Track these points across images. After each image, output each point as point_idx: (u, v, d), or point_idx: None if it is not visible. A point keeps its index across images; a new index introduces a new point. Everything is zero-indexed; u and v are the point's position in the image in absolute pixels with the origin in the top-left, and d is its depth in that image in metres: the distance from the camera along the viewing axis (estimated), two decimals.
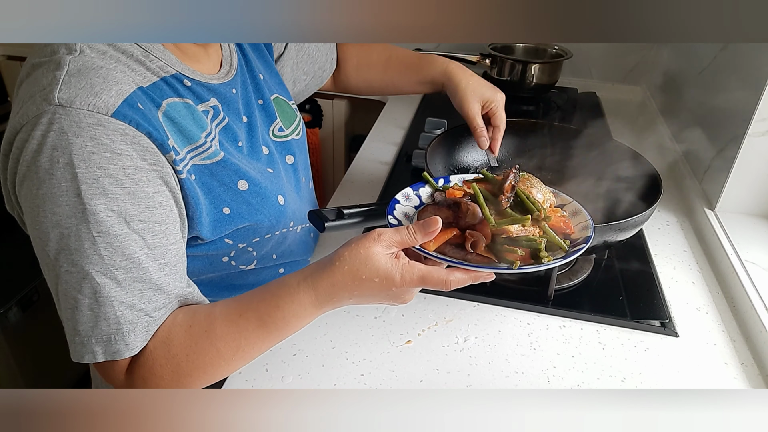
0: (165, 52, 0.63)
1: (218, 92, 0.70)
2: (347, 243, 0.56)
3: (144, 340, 0.57)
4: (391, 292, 0.56)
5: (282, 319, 0.57)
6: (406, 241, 0.56)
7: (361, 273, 0.55)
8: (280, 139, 0.82)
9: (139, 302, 0.56)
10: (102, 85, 0.54)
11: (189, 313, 0.60)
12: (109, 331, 0.55)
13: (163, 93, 0.62)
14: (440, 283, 0.55)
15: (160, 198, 0.57)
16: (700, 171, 1.06)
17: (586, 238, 0.61)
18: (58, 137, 0.51)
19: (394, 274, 0.55)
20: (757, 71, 0.89)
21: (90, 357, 0.56)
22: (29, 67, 0.57)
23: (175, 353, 0.57)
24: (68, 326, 0.56)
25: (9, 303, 1.34)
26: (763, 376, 0.70)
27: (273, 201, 0.73)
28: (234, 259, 0.74)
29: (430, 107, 1.45)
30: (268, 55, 0.86)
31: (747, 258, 0.85)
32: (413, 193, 0.69)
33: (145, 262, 0.56)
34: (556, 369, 0.70)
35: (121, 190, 0.54)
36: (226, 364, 0.59)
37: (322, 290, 0.56)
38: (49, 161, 0.52)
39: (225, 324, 0.58)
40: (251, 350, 0.59)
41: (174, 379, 0.58)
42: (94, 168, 0.52)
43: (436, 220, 0.56)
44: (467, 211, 0.59)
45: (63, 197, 0.52)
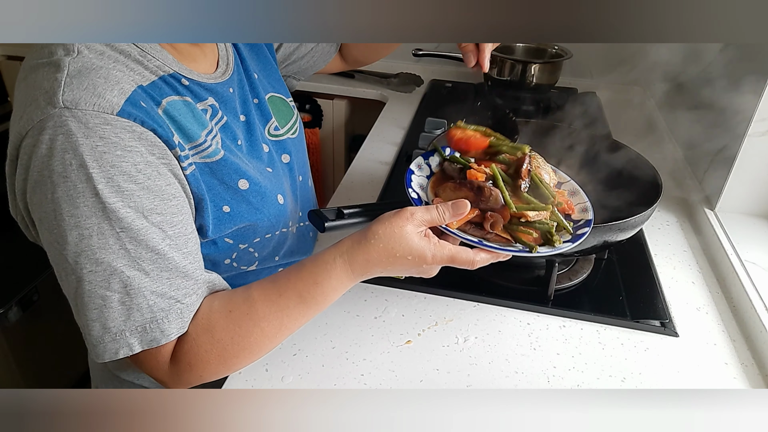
0: (162, 51, 0.63)
1: (215, 91, 0.70)
2: (380, 219, 0.60)
3: (178, 326, 0.58)
4: (421, 268, 0.61)
5: (321, 294, 0.61)
6: (435, 221, 0.60)
7: (396, 251, 0.59)
8: (276, 138, 0.82)
9: (169, 290, 0.57)
10: (104, 85, 0.54)
11: (225, 298, 0.62)
12: (143, 321, 0.56)
13: (163, 92, 0.62)
14: (468, 262, 0.60)
15: (172, 190, 0.58)
16: (700, 171, 1.06)
17: (587, 221, 0.66)
18: (68, 140, 0.52)
19: (426, 253, 0.59)
20: (757, 71, 0.89)
21: (126, 350, 0.56)
22: (27, 69, 0.57)
23: (219, 338, 0.59)
24: (95, 327, 0.56)
25: (9, 303, 1.34)
26: (763, 376, 0.70)
27: (273, 200, 0.73)
28: (236, 261, 0.74)
29: (430, 107, 1.45)
30: (266, 50, 0.86)
31: (747, 258, 0.85)
32: (424, 163, 0.73)
33: (169, 252, 0.57)
34: (556, 369, 0.70)
35: (135, 186, 0.55)
36: (269, 342, 0.62)
37: (358, 265, 0.60)
38: (61, 164, 0.52)
39: (266, 304, 0.60)
40: (293, 325, 0.62)
41: (221, 362, 0.60)
42: (107, 167, 0.53)
43: (466, 204, 0.61)
44: (490, 196, 0.63)
45: (80, 198, 0.53)
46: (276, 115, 0.83)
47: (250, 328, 0.60)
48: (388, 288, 0.81)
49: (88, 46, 0.56)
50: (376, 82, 1.59)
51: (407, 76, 1.60)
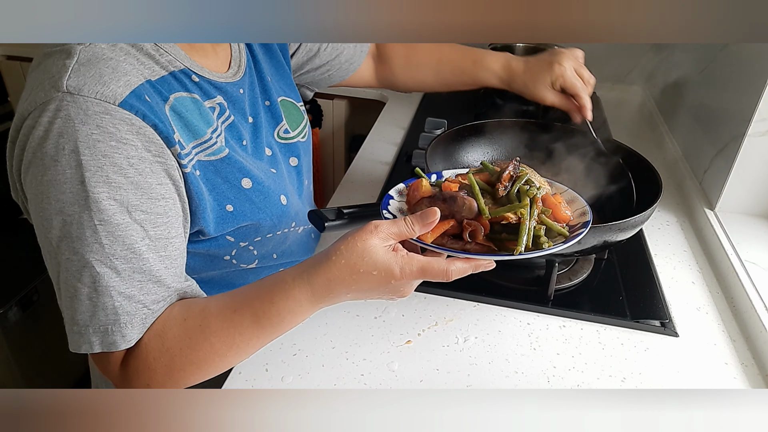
0: (174, 47, 0.64)
1: (225, 91, 0.70)
2: (343, 237, 0.55)
3: (141, 332, 0.57)
4: (390, 285, 0.54)
5: (277, 315, 0.56)
6: (403, 233, 0.55)
7: (359, 266, 0.53)
8: (286, 141, 0.82)
9: (137, 293, 0.56)
10: (111, 75, 0.54)
11: (184, 306, 0.59)
12: (106, 322, 0.55)
13: (171, 87, 0.62)
14: (441, 273, 0.54)
15: (163, 190, 0.57)
16: (700, 171, 1.06)
17: (584, 223, 0.61)
18: (65, 124, 0.51)
19: (393, 267, 0.53)
20: (757, 71, 0.89)
21: (87, 347, 0.56)
22: (40, 57, 0.57)
23: (169, 347, 0.57)
24: (67, 315, 0.56)
25: (9, 303, 1.35)
26: (763, 376, 0.70)
27: (275, 200, 0.74)
28: (235, 258, 0.74)
29: (430, 107, 1.44)
30: (280, 55, 0.85)
31: (747, 258, 0.85)
32: (406, 189, 0.68)
33: (146, 253, 0.56)
34: (556, 369, 0.70)
35: (124, 179, 0.54)
36: (220, 360, 0.58)
37: (318, 286, 0.55)
38: (54, 148, 0.52)
39: (219, 319, 0.57)
40: (246, 346, 0.58)
41: (167, 373, 0.57)
42: (98, 156, 0.52)
43: (434, 211, 0.55)
44: (464, 205, 0.58)
45: (67, 184, 0.52)
46: (287, 118, 0.82)
47: (200, 341, 0.57)
48: None
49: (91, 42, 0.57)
50: None
51: None
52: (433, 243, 0.57)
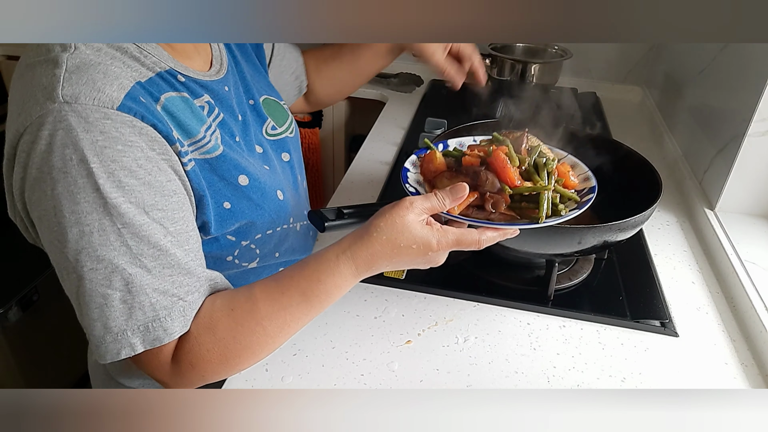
0: (157, 48, 0.64)
1: (211, 89, 0.70)
2: (380, 213, 0.60)
3: (181, 324, 0.57)
4: (427, 256, 0.60)
5: (325, 292, 0.60)
6: (435, 207, 0.60)
7: (399, 241, 0.58)
8: (275, 137, 0.82)
9: (171, 287, 0.56)
10: (103, 80, 0.54)
11: (227, 297, 0.61)
12: (145, 320, 0.55)
13: (160, 88, 0.62)
14: (474, 243, 0.60)
15: (173, 186, 0.58)
16: (700, 171, 1.06)
17: (591, 188, 0.69)
18: (67, 134, 0.51)
19: (431, 240, 0.59)
20: (757, 71, 0.89)
21: (128, 350, 0.55)
22: (23, 68, 0.57)
23: (221, 337, 0.59)
24: (96, 327, 0.55)
25: (9, 303, 1.34)
26: (763, 376, 0.70)
27: (273, 196, 0.74)
28: (237, 258, 0.74)
29: (430, 107, 1.45)
30: (256, 59, 0.87)
31: (747, 258, 0.85)
32: (418, 160, 0.74)
33: (172, 248, 0.56)
34: (556, 369, 0.70)
35: (136, 181, 0.54)
36: (272, 341, 0.61)
37: (362, 261, 0.60)
38: (61, 160, 0.51)
39: (268, 303, 0.60)
40: (296, 324, 0.62)
41: (222, 362, 0.59)
42: (108, 162, 0.52)
43: (464, 187, 0.61)
44: (486, 181, 0.64)
45: (81, 194, 0.52)
46: (272, 115, 0.83)
47: (252, 326, 0.59)
48: (388, 288, 0.81)
49: (86, 43, 0.56)
50: (376, 82, 1.59)
51: (407, 76, 1.60)
52: (459, 215, 0.63)
